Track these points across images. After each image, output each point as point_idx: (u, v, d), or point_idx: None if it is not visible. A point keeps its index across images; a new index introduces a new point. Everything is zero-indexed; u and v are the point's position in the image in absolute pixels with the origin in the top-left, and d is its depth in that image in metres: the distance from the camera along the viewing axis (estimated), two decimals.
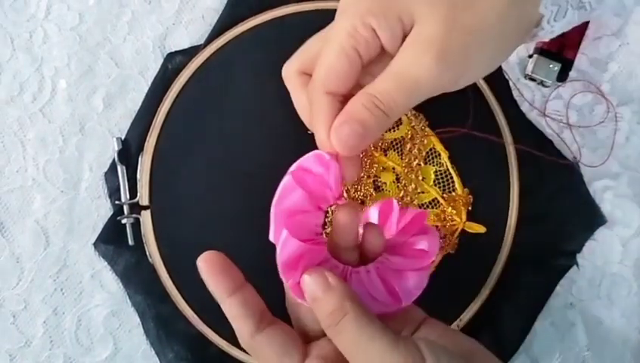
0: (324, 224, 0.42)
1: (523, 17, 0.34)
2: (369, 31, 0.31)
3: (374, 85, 0.32)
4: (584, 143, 0.50)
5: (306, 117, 0.37)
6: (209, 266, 0.31)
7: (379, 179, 0.48)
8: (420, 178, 0.48)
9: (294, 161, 0.33)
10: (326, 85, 0.32)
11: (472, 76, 0.34)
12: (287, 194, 0.31)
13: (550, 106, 0.50)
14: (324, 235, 0.36)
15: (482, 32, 0.32)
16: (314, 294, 0.30)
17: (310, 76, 0.34)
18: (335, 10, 0.50)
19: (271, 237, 0.31)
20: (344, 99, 0.33)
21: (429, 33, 0.31)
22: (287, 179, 0.31)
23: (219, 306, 0.49)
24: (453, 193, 0.48)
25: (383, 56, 0.33)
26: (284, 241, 0.30)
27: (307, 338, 0.32)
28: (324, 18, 0.49)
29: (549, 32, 0.35)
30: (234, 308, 0.31)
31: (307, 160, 0.32)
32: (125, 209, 0.49)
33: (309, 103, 0.33)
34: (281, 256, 0.30)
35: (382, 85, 0.31)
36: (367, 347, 0.28)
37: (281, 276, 0.31)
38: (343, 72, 0.32)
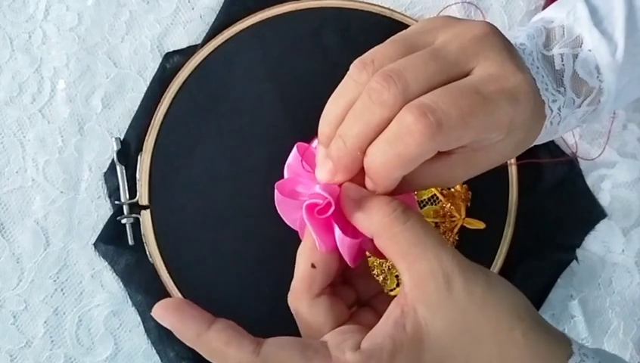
0: None
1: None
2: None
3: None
4: (581, 133, 0.50)
5: None
6: (170, 308, 0.26)
7: None
8: None
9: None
10: (445, 144, 0.28)
11: None
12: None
13: None
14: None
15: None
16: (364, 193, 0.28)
17: None
18: (329, 8, 0.50)
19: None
20: None
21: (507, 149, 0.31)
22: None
23: (220, 305, 0.48)
24: (452, 190, 0.48)
25: None
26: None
27: (315, 335, 0.30)
28: (321, 16, 0.49)
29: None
30: (222, 334, 0.26)
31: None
32: (125, 209, 0.49)
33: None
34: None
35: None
36: (431, 241, 0.27)
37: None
38: (463, 141, 0.28)
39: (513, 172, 0.48)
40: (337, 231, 0.28)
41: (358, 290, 0.31)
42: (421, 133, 0.26)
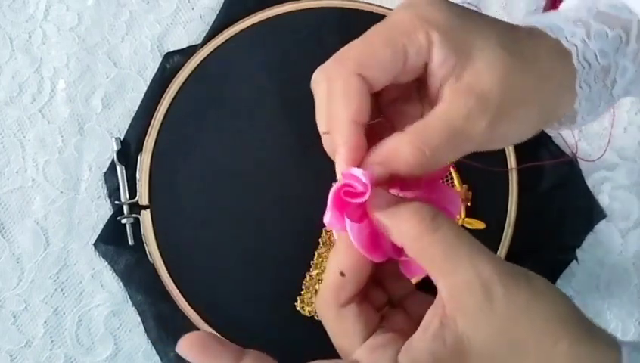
0: None
1: (559, 97, 0.32)
2: (427, 41, 0.28)
3: (424, 134, 0.28)
4: (581, 135, 0.50)
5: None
6: (196, 344, 0.25)
7: None
8: None
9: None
10: (361, 67, 0.28)
11: (508, 143, 0.32)
12: None
13: None
14: None
15: (529, 101, 0.30)
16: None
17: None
18: (330, 8, 0.50)
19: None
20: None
21: (486, 89, 0.28)
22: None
23: (219, 305, 0.48)
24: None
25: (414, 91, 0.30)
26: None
27: (343, 342, 0.28)
28: (320, 16, 0.49)
29: (580, 124, 0.34)
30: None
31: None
32: (125, 209, 0.49)
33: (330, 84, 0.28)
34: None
35: (434, 138, 0.28)
36: (465, 249, 0.25)
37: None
38: (384, 62, 0.28)
39: (513, 172, 0.48)
40: (348, 222, 0.27)
41: (389, 291, 0.30)
42: None
